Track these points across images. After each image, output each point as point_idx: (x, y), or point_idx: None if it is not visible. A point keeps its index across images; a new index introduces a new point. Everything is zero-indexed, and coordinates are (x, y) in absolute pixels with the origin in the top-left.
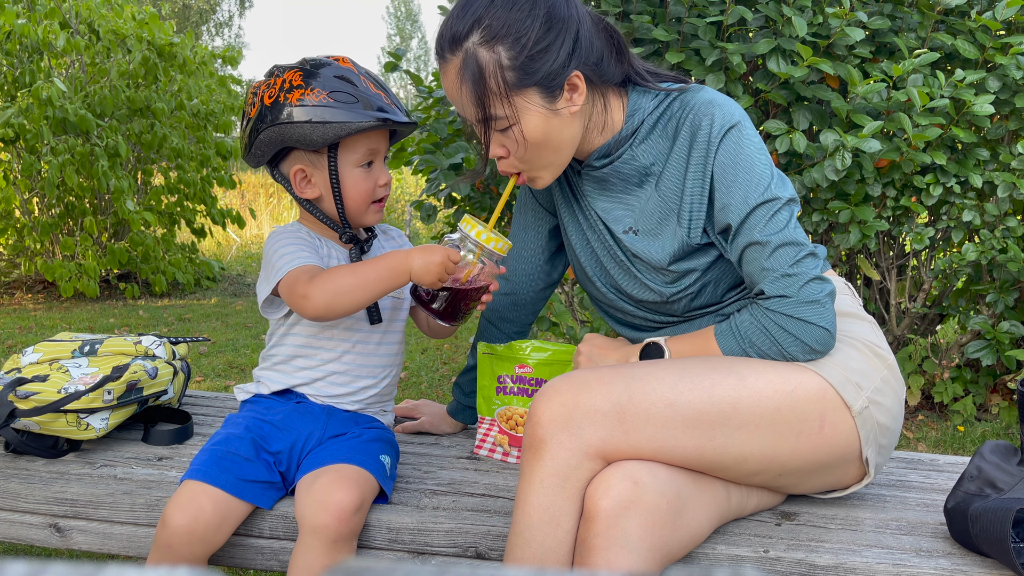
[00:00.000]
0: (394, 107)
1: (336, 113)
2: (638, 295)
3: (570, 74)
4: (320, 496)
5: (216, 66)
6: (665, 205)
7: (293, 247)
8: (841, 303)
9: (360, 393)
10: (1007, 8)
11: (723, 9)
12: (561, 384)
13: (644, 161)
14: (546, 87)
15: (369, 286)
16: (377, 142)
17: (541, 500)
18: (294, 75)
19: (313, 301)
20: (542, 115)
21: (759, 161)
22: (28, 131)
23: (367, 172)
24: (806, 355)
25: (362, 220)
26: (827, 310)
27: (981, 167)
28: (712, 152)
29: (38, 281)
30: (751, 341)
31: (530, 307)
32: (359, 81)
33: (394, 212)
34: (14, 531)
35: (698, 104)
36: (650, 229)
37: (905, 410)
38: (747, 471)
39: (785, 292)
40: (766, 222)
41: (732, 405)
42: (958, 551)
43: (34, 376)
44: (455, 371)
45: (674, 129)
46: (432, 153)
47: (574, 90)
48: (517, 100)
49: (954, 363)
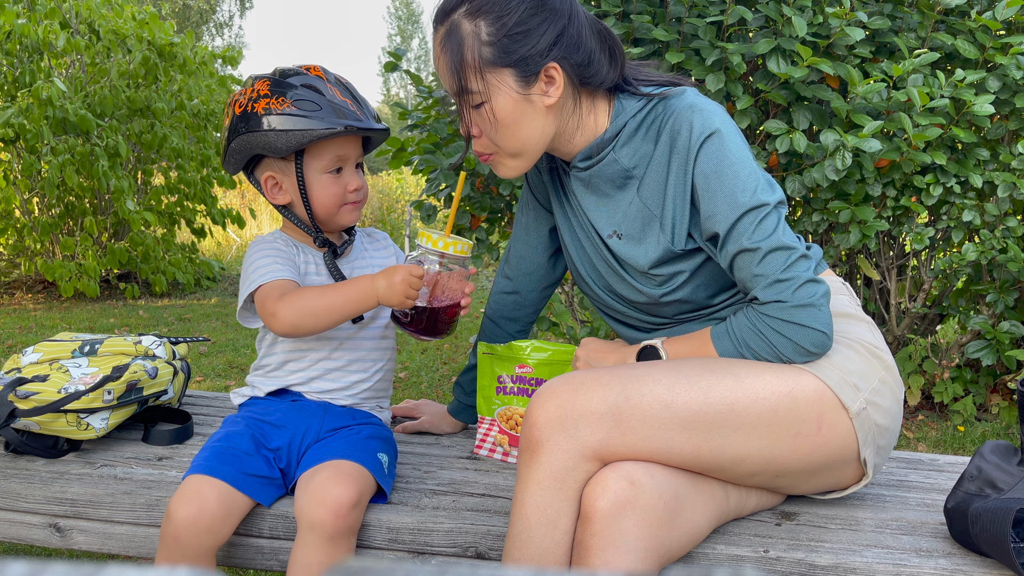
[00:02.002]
0: (360, 114)
1: (298, 121)
2: (629, 296)
3: (547, 64)
4: (317, 492)
5: (216, 66)
6: (647, 211)
7: (268, 259)
8: (839, 304)
9: (353, 388)
10: (1007, 8)
11: (723, 9)
12: (557, 386)
13: (626, 163)
14: (521, 71)
15: (335, 310)
16: (345, 148)
17: (538, 501)
18: (263, 84)
19: (280, 320)
20: (513, 98)
21: (742, 167)
22: (28, 131)
23: (336, 178)
24: (803, 358)
25: (336, 222)
26: (822, 312)
27: (981, 167)
28: (691, 160)
29: (38, 281)
30: (747, 344)
31: (532, 306)
32: (325, 89)
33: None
34: (14, 531)
35: (679, 109)
36: (633, 234)
37: (905, 410)
38: (745, 472)
39: (779, 297)
40: (754, 228)
41: (729, 407)
42: (958, 551)
43: (34, 376)
44: (455, 371)
45: (656, 132)
46: (432, 153)
47: (551, 83)
48: (491, 77)
49: (954, 363)
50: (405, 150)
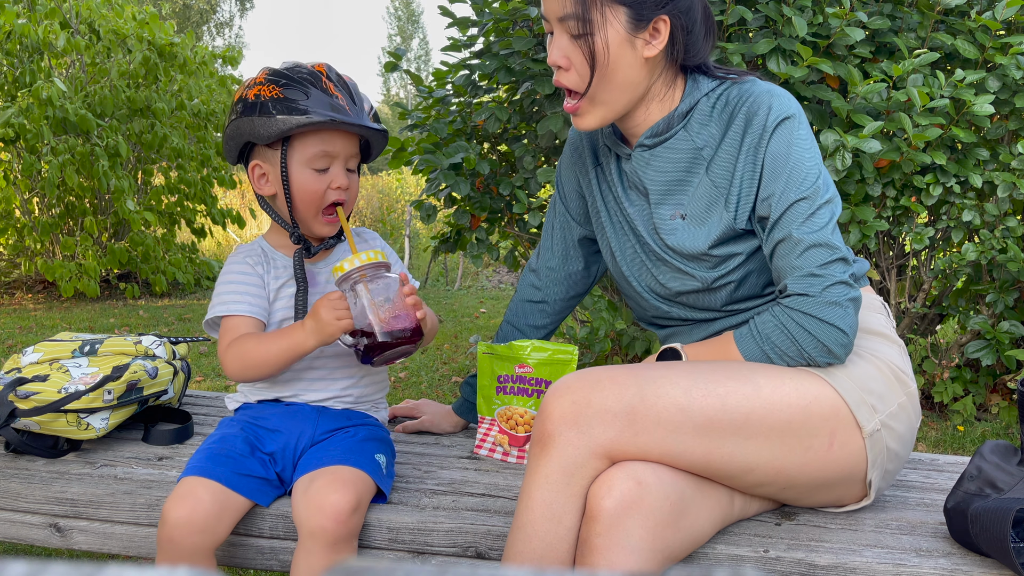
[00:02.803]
0: (351, 111)
1: (283, 107)
2: (677, 286)
3: (660, 15)
4: (316, 499)
5: (216, 66)
6: (715, 189)
7: (231, 286)
8: (874, 322)
9: (343, 394)
10: (1007, 8)
11: (723, 9)
12: (574, 381)
13: (697, 142)
14: (636, 12)
15: (271, 359)
16: (333, 144)
17: (545, 496)
18: (263, 73)
19: (227, 368)
20: (620, 37)
21: (809, 157)
22: (28, 131)
23: (319, 175)
24: (824, 357)
25: (311, 227)
26: (848, 314)
27: (981, 167)
28: (766, 139)
29: (38, 281)
30: (770, 340)
31: (559, 314)
32: (319, 82)
33: (394, 212)
34: (14, 531)
35: (756, 93)
36: (698, 214)
37: None
38: (753, 481)
39: (808, 291)
40: (804, 219)
41: (744, 415)
42: (958, 551)
43: (34, 376)
44: (455, 371)
45: (729, 115)
46: (432, 153)
47: (656, 35)
48: (607, 10)
49: (954, 363)
50: (405, 150)
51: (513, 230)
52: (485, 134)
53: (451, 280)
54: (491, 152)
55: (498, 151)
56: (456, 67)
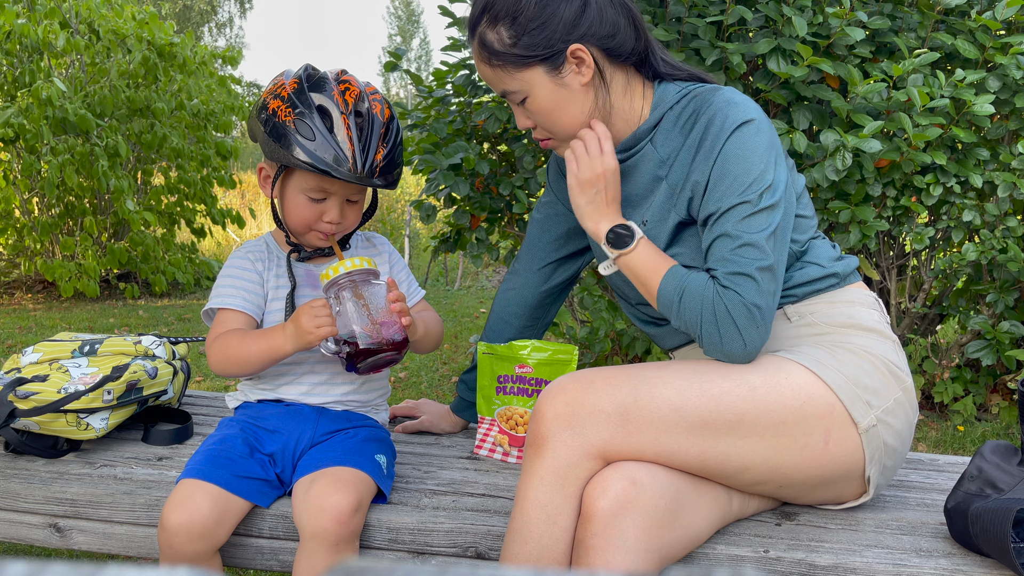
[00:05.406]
0: (353, 165)
1: (287, 138)
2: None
3: (571, 46)
4: (317, 501)
5: (216, 66)
6: (670, 190)
7: (230, 280)
8: (868, 318)
9: (344, 399)
10: (1007, 8)
11: (723, 9)
12: (567, 383)
13: (661, 154)
14: (550, 61)
15: (251, 359)
16: (332, 184)
17: (540, 497)
18: (291, 84)
19: (210, 360)
20: (550, 87)
21: (760, 161)
22: (28, 131)
23: (314, 203)
24: (716, 353)
25: (302, 240)
26: (760, 328)
27: (981, 167)
28: (720, 142)
29: (38, 281)
30: (686, 303)
31: (532, 308)
32: (336, 122)
33: (394, 212)
34: (14, 531)
35: (716, 102)
36: (657, 220)
37: None
38: (749, 480)
39: (738, 290)
40: (741, 219)
41: (738, 415)
42: (958, 551)
43: (34, 376)
44: (455, 371)
45: (691, 124)
46: (432, 153)
47: (580, 63)
48: (523, 76)
49: (954, 363)
50: (405, 150)
51: (513, 230)
52: (485, 134)
53: (451, 280)
54: (491, 152)
55: (498, 151)
56: (456, 67)
